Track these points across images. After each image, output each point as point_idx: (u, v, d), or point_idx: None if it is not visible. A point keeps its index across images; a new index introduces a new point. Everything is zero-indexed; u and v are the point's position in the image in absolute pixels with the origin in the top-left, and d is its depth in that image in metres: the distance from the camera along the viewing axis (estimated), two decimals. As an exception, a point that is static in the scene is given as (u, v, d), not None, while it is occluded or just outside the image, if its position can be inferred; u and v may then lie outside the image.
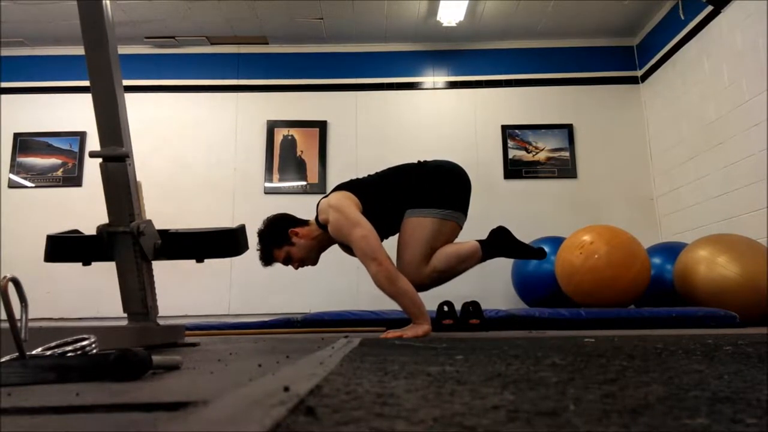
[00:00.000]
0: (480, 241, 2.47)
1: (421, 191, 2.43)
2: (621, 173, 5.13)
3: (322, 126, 5.21)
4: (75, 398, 0.61)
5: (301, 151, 5.16)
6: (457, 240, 2.50)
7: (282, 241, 2.47)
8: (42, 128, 5.17)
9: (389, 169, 2.59)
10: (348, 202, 2.35)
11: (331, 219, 2.34)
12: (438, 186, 2.44)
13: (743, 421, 0.47)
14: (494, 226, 2.56)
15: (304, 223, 2.54)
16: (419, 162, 2.57)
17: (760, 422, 0.47)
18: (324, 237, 2.46)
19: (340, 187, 2.50)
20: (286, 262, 2.52)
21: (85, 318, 4.62)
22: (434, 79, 5.39)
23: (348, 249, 2.47)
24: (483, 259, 2.45)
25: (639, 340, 1.69)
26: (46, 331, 1.32)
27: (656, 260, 3.89)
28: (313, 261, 2.55)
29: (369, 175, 2.60)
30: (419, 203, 2.41)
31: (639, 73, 5.30)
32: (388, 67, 5.39)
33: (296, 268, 2.55)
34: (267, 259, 2.51)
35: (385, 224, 2.45)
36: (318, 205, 2.48)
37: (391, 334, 2.20)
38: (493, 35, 5.29)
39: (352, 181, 2.56)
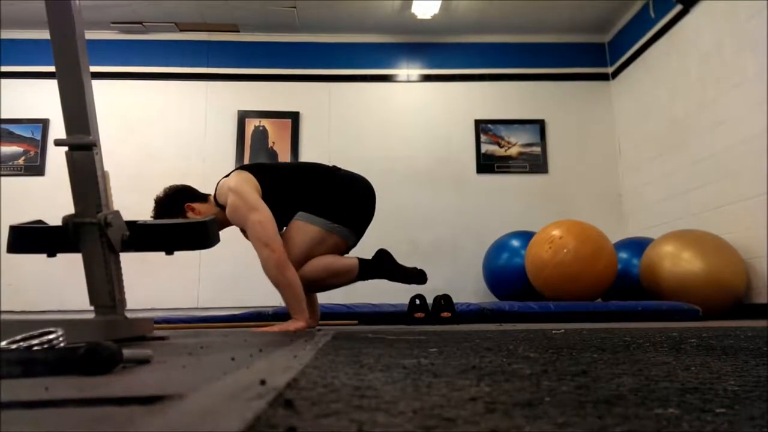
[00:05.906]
0: (360, 260, 2.45)
1: (318, 198, 2.40)
2: (590, 169, 5.22)
3: (294, 117, 5.16)
4: (45, 393, 0.59)
5: (273, 143, 5.10)
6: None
7: (176, 213, 2.40)
8: (2, 115, 4.99)
9: (300, 164, 2.55)
10: (247, 187, 2.32)
11: (229, 201, 2.30)
12: (337, 198, 2.42)
13: (712, 411, 0.49)
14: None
15: (203, 198, 2.49)
16: (333, 167, 2.55)
17: (729, 411, 0.48)
18: (222, 216, 2.36)
19: (243, 168, 2.45)
20: None
21: (48, 311, 4.50)
22: (408, 71, 5.38)
23: (246, 232, 2.41)
24: (358, 278, 2.42)
25: (606, 333, 1.73)
26: (10, 324, 1.28)
27: (623, 255, 3.98)
28: None
29: (278, 163, 2.55)
30: (311, 208, 2.39)
31: (610, 70, 5.39)
32: (362, 58, 5.36)
33: None
34: None
35: (278, 217, 2.41)
36: (218, 184, 2.42)
37: (259, 329, 2.21)
38: (467, 29, 5.31)
39: (258, 164, 2.52)
